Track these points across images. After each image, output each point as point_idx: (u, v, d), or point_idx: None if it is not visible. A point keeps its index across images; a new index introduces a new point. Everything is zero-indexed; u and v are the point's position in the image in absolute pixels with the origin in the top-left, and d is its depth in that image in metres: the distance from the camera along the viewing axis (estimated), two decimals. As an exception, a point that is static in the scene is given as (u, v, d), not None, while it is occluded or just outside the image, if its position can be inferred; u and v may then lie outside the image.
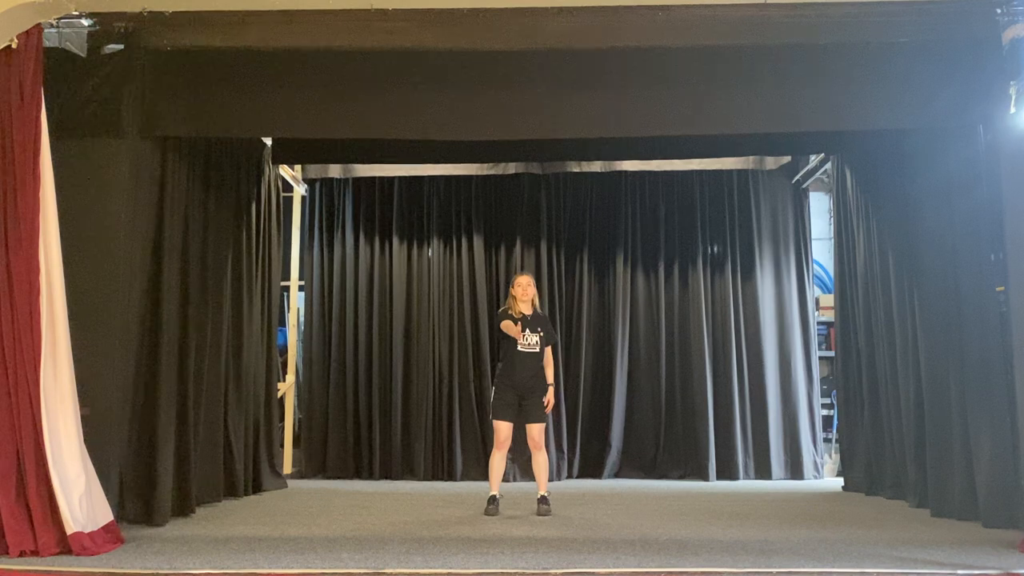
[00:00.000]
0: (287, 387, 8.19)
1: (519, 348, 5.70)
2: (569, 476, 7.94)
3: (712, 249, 8.33)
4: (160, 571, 3.80)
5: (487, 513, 5.54)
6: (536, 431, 5.69)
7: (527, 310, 5.77)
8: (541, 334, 5.74)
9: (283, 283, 8.03)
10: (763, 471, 7.89)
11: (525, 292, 5.77)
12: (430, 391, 8.04)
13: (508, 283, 8.13)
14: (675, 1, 4.73)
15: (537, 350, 5.72)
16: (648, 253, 8.34)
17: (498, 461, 5.73)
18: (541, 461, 5.73)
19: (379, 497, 6.60)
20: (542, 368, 5.77)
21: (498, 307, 8.17)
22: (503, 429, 5.67)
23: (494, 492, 5.67)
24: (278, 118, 5.26)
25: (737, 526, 5.06)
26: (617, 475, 8.01)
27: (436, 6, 4.74)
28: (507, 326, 5.66)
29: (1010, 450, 4.91)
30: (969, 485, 5.21)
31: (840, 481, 7.25)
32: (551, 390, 5.76)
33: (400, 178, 8.38)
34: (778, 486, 7.44)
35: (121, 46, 4.97)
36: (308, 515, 5.56)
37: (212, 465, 6.06)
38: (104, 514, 4.37)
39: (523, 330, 5.69)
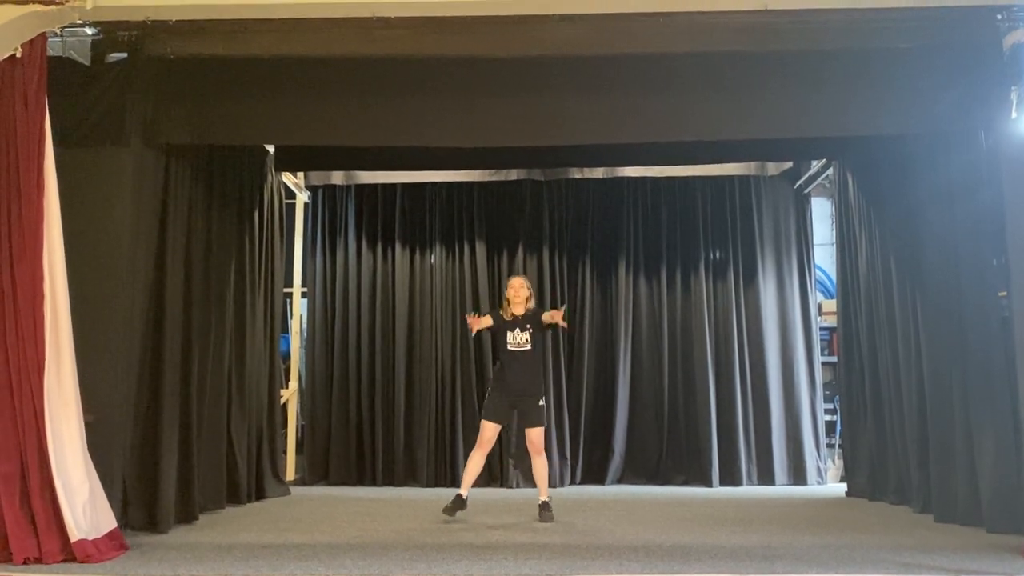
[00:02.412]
0: (290, 394, 8.19)
1: (509, 347, 5.66)
2: (572, 482, 7.93)
3: (714, 255, 8.34)
4: (164, 578, 3.81)
5: (445, 511, 5.45)
6: (535, 435, 5.64)
7: (519, 311, 5.72)
8: (531, 331, 5.67)
9: (286, 290, 8.03)
10: (766, 477, 7.88)
11: (517, 293, 5.73)
12: (433, 397, 8.04)
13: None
14: (678, 8, 4.75)
15: (529, 348, 5.64)
16: (650, 259, 8.34)
17: (476, 461, 5.64)
18: (540, 466, 5.67)
19: (382, 504, 6.60)
20: (537, 370, 5.73)
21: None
22: (488, 429, 5.62)
23: (463, 492, 5.57)
24: (281, 126, 5.28)
25: (740, 532, 5.06)
26: (620, 481, 8.00)
27: (438, 15, 4.75)
28: (473, 320, 5.64)
29: (1013, 455, 4.91)
30: (973, 490, 5.20)
31: (843, 487, 7.23)
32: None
33: (402, 185, 8.40)
34: (781, 492, 7.43)
35: (125, 55, 5.00)
36: (311, 522, 5.56)
37: (215, 472, 6.06)
38: (108, 521, 4.37)
39: (512, 329, 5.65)
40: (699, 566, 3.98)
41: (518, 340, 5.66)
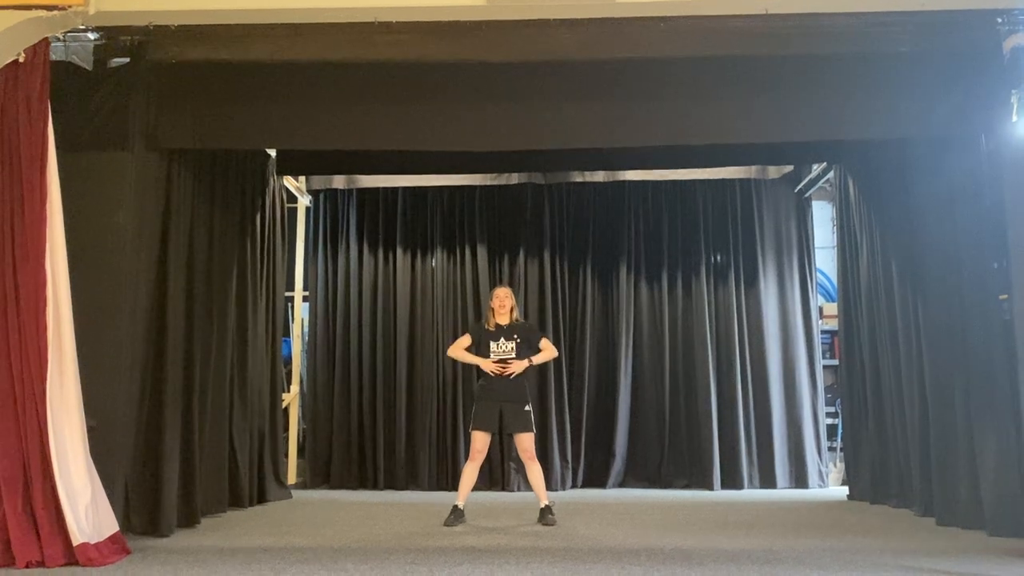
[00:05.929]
0: (291, 397, 8.20)
1: (493, 356, 5.69)
2: (573, 486, 7.93)
3: (715, 258, 8.34)
4: (166, 582, 3.82)
5: (446, 524, 5.46)
6: (525, 440, 5.63)
7: (504, 321, 5.80)
8: (517, 340, 5.72)
9: (287, 294, 8.05)
10: (768, 480, 7.87)
11: (503, 304, 5.81)
12: (434, 401, 8.05)
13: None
14: (678, 12, 4.76)
15: (513, 356, 5.68)
16: (651, 263, 8.35)
17: (470, 472, 5.67)
18: (535, 472, 5.66)
19: (383, 507, 6.60)
20: (521, 376, 5.71)
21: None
22: (478, 439, 5.64)
23: (459, 503, 5.60)
24: (282, 130, 5.29)
25: (742, 535, 5.06)
26: (621, 485, 7.99)
27: (439, 20, 4.77)
28: (456, 351, 5.88)
29: (1015, 458, 4.91)
30: (974, 494, 5.20)
31: (845, 490, 7.23)
32: (523, 363, 5.68)
33: (404, 189, 8.41)
34: (783, 495, 7.43)
35: (127, 59, 5.01)
36: (313, 525, 5.57)
37: (217, 476, 6.06)
38: (110, 525, 4.38)
39: (497, 338, 5.71)
40: (701, 569, 3.98)
41: (503, 349, 5.70)
